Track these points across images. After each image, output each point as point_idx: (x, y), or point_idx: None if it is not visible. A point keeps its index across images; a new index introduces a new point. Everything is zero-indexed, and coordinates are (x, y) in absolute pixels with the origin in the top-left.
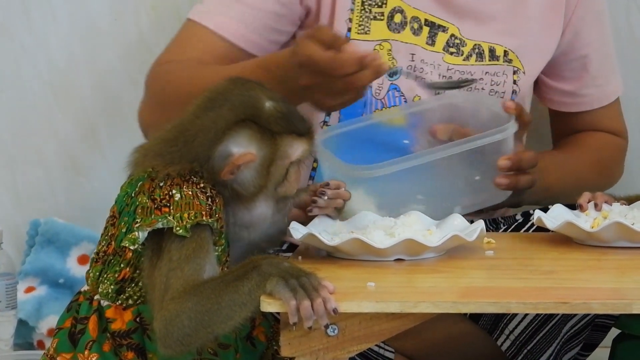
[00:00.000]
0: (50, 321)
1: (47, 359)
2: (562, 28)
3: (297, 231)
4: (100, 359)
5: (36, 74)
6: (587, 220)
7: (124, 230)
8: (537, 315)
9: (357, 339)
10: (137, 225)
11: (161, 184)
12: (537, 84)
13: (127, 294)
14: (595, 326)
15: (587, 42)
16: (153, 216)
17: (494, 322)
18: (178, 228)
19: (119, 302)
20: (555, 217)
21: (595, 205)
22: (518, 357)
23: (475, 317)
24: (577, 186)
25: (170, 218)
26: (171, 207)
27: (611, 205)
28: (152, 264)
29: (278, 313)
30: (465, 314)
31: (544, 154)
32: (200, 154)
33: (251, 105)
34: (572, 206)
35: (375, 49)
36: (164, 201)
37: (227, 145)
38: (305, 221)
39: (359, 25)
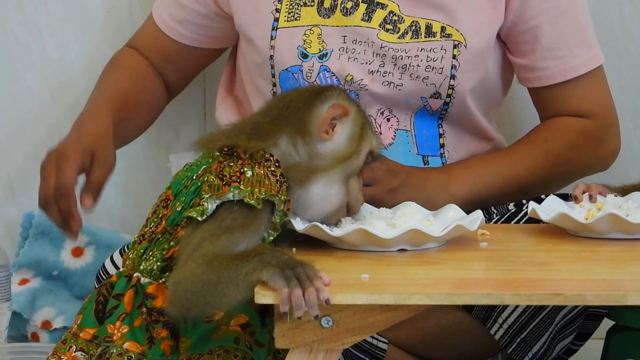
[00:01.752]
0: (44, 313)
1: (70, 336)
2: None
3: (299, 222)
4: (129, 332)
5: (30, 67)
6: (581, 211)
7: (178, 209)
8: None
9: (351, 330)
10: (206, 197)
11: (231, 164)
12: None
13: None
14: (588, 315)
15: (536, 12)
16: (222, 190)
17: (487, 312)
18: (249, 200)
19: (162, 280)
20: (549, 208)
21: (590, 196)
22: (511, 345)
23: (468, 307)
24: (514, 187)
25: (242, 189)
26: (241, 183)
27: (605, 196)
28: (198, 226)
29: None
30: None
31: (460, 165)
32: (294, 119)
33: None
34: (566, 197)
35: (305, 34)
36: (234, 177)
37: (323, 102)
38: None
39: (288, 13)
